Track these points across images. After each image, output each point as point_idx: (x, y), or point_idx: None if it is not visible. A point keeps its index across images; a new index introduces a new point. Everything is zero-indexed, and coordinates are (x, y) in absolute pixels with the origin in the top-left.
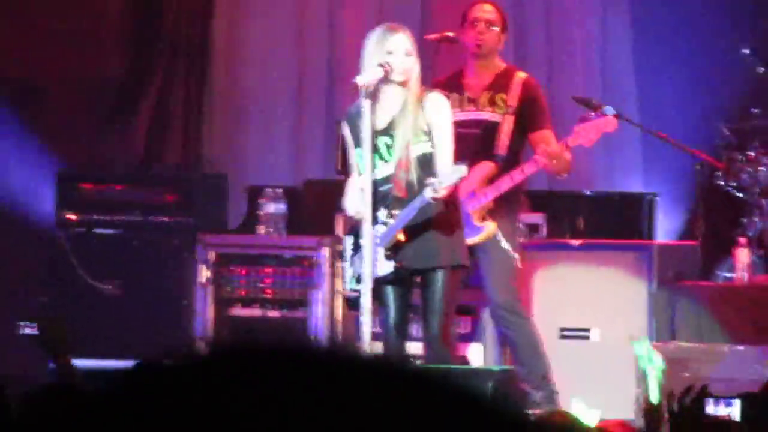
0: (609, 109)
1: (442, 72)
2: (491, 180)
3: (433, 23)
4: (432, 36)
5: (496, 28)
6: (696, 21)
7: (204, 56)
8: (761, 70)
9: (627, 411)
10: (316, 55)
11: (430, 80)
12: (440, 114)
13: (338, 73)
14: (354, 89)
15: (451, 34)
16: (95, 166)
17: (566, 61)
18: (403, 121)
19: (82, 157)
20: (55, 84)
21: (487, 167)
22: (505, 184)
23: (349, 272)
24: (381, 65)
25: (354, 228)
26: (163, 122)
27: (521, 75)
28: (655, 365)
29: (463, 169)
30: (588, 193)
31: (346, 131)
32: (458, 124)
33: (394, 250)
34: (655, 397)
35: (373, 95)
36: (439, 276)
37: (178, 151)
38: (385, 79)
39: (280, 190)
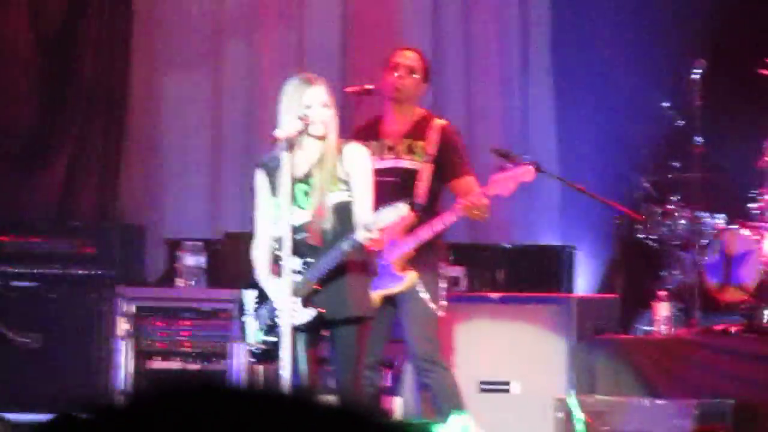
0: (528, 159)
1: (359, 122)
2: (411, 229)
3: (354, 74)
4: (352, 88)
5: (417, 76)
6: (616, 74)
7: (121, 106)
8: (681, 122)
9: None
10: (234, 106)
11: (350, 131)
12: (359, 164)
13: (256, 125)
14: (273, 142)
15: (371, 86)
16: (11, 218)
17: (486, 113)
18: (321, 170)
19: None
20: None
21: (405, 215)
22: (425, 233)
23: (253, 325)
24: (300, 118)
25: (254, 281)
26: (80, 172)
27: (439, 122)
28: (577, 419)
29: (403, 208)
30: (507, 245)
31: (262, 180)
32: (377, 172)
33: (309, 299)
34: None
35: (292, 146)
36: (353, 328)
37: (95, 202)
38: (304, 131)
39: (199, 243)
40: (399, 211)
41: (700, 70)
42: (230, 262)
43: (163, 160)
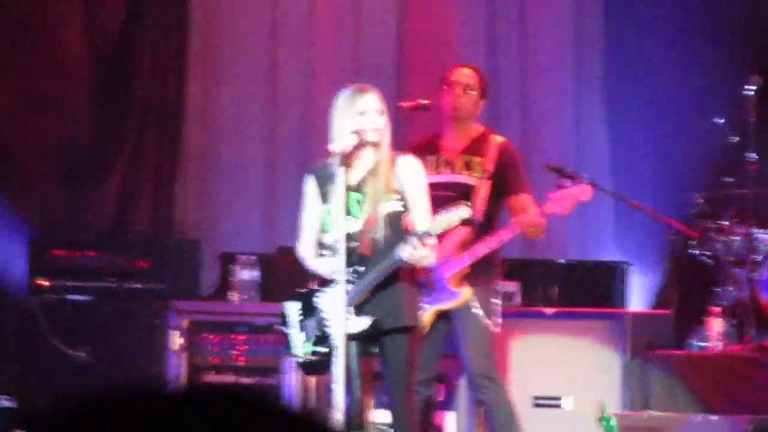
0: (585, 177)
1: (417, 140)
2: (466, 245)
3: (409, 89)
4: (406, 104)
5: (474, 93)
6: (670, 90)
7: (176, 121)
8: (734, 139)
9: None
10: (289, 119)
11: (405, 147)
12: (413, 175)
13: (310, 138)
14: (328, 156)
15: (425, 101)
16: (67, 232)
17: (540, 128)
18: (375, 179)
19: (54, 222)
20: (25, 148)
21: (463, 232)
22: (481, 249)
23: (299, 337)
24: (355, 131)
25: (298, 294)
26: (135, 187)
27: (498, 139)
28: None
29: (464, 210)
30: (562, 261)
31: (312, 187)
32: (433, 186)
33: (361, 308)
34: None
35: (346, 160)
36: (404, 337)
37: (150, 217)
38: (360, 145)
39: (254, 257)
40: (460, 213)
41: (755, 87)
42: (284, 275)
43: (217, 174)
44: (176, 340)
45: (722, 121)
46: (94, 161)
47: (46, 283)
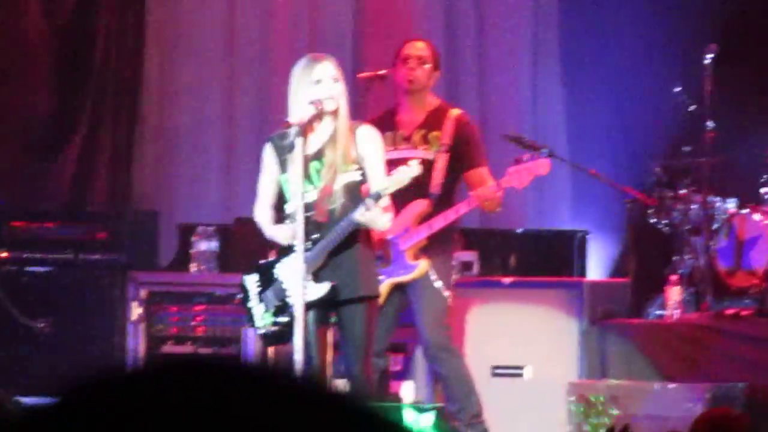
0: (544, 152)
1: (375, 111)
2: (424, 218)
3: (365, 61)
4: (364, 75)
5: (428, 65)
6: (627, 59)
7: (134, 93)
8: (692, 107)
9: None
10: (247, 90)
11: (363, 117)
12: (372, 144)
13: (269, 108)
14: (286, 127)
15: (383, 72)
16: (26, 204)
17: (498, 100)
18: (333, 148)
19: (12, 194)
20: None
21: (420, 205)
22: (439, 222)
23: (259, 309)
24: (312, 102)
25: (256, 266)
26: (93, 159)
27: (455, 112)
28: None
29: (415, 167)
30: (519, 231)
31: (270, 155)
32: (392, 162)
33: (318, 275)
34: None
35: (304, 131)
36: (362, 307)
37: (108, 188)
38: (317, 116)
39: (211, 228)
40: (411, 171)
41: (712, 55)
42: (242, 246)
43: (175, 145)
44: (135, 310)
45: (680, 89)
46: (52, 133)
47: (5, 255)
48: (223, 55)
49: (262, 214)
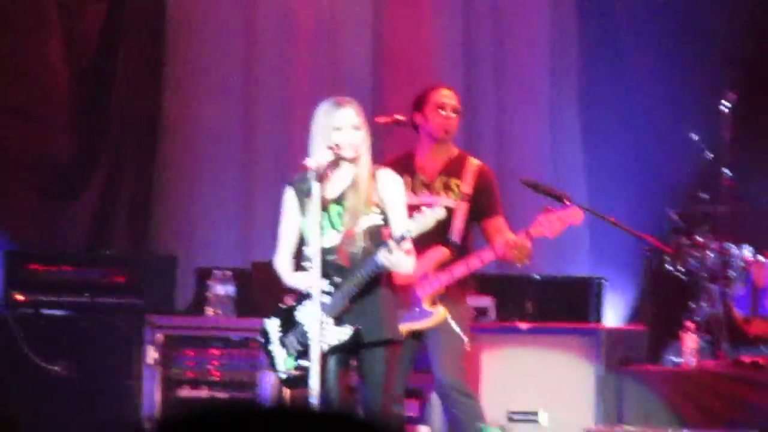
0: (563, 196)
1: (390, 154)
2: (444, 265)
3: (385, 105)
4: (382, 119)
5: (458, 115)
6: (645, 106)
7: (153, 136)
8: (709, 156)
9: None
10: (266, 134)
11: (381, 161)
12: (393, 188)
13: (288, 153)
14: (304, 170)
15: (401, 117)
16: (44, 246)
17: (515, 146)
18: (354, 193)
19: (30, 236)
20: (2, 161)
21: (440, 252)
22: (460, 270)
23: (281, 353)
24: (330, 147)
25: (278, 310)
26: (112, 202)
27: (475, 162)
28: None
29: (440, 211)
30: (536, 276)
31: (291, 199)
32: (411, 208)
33: (341, 319)
34: None
35: (321, 176)
36: (384, 351)
37: (127, 232)
38: (335, 161)
39: (228, 272)
40: (436, 214)
41: (730, 103)
42: (259, 290)
43: (194, 189)
44: (151, 354)
45: (697, 137)
46: (71, 175)
47: (22, 298)
48: (243, 96)
49: (283, 262)
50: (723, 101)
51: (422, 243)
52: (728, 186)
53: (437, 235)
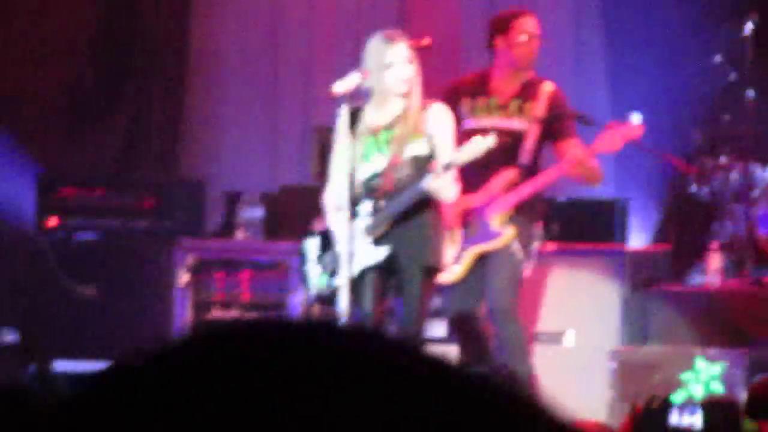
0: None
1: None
2: (513, 186)
3: (411, 28)
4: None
5: (539, 43)
6: (667, 28)
7: (181, 61)
8: (732, 76)
9: (600, 414)
10: (292, 61)
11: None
12: (442, 123)
13: (313, 79)
14: (331, 97)
15: (426, 41)
16: (75, 171)
17: (539, 67)
18: (404, 122)
19: (61, 161)
20: (31, 90)
21: (509, 174)
22: (528, 189)
23: (316, 270)
24: (360, 71)
25: (318, 231)
26: (141, 127)
27: (548, 85)
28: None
29: (484, 141)
30: (562, 198)
31: (344, 120)
32: (486, 131)
33: (381, 240)
34: None
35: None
36: (423, 276)
37: (156, 156)
38: (362, 84)
39: (256, 196)
40: (485, 143)
41: (753, 25)
42: (287, 214)
43: (221, 114)
44: (182, 277)
45: (720, 59)
46: (99, 101)
47: (54, 222)
48: (267, 21)
49: (330, 197)
50: (745, 22)
51: (493, 166)
52: (751, 107)
53: (508, 157)
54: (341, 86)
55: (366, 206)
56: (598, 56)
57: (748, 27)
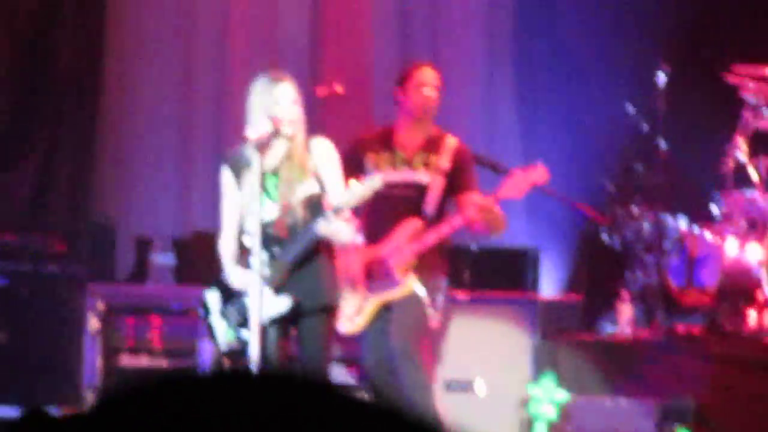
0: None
1: (329, 124)
2: (417, 236)
3: (321, 70)
4: (322, 90)
5: (437, 93)
6: (580, 78)
7: (93, 104)
8: (644, 127)
9: None
10: (203, 104)
11: (320, 133)
12: (327, 157)
13: (225, 122)
14: (243, 141)
15: (339, 88)
16: None
17: (451, 116)
18: (290, 164)
19: None
20: None
21: (414, 224)
22: (431, 238)
23: (221, 325)
24: (271, 118)
25: (217, 281)
26: (52, 169)
27: (452, 140)
28: (545, 417)
29: (377, 180)
30: (473, 246)
31: (227, 177)
32: (392, 185)
33: (280, 289)
34: None
35: (262, 146)
36: (323, 317)
37: (67, 200)
38: (275, 133)
39: (168, 241)
40: (372, 184)
41: (665, 75)
42: (199, 260)
43: (134, 158)
44: (92, 322)
45: (633, 109)
46: (10, 143)
47: None
48: (180, 64)
49: (226, 245)
50: (657, 73)
51: (398, 218)
52: (663, 157)
53: (414, 209)
54: (254, 132)
55: (262, 256)
56: (511, 105)
57: (661, 77)
